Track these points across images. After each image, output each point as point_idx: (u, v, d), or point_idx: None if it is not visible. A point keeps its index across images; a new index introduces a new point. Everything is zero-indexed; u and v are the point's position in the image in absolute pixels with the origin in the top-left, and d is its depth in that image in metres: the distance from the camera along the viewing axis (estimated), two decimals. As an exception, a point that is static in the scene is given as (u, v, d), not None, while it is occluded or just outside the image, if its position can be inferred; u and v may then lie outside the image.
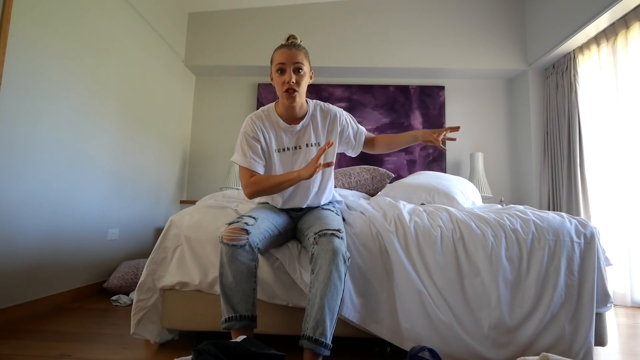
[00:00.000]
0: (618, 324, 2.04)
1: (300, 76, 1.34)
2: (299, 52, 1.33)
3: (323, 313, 1.10)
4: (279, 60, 1.33)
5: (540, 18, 3.29)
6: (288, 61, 1.32)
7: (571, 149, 2.97)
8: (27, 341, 1.49)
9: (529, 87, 3.45)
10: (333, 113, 1.49)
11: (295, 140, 1.43)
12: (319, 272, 1.14)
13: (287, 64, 1.32)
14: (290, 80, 1.31)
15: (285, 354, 1.10)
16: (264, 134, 1.41)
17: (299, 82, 1.33)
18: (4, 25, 1.71)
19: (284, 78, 1.32)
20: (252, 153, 1.38)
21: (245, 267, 1.19)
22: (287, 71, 1.32)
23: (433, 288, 1.36)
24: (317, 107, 1.48)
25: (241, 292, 1.19)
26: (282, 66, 1.32)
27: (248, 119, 1.42)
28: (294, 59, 1.32)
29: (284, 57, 1.32)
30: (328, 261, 1.13)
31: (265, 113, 1.44)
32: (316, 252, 1.17)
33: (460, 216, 1.50)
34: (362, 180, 2.48)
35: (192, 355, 1.05)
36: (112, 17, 2.52)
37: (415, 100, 3.66)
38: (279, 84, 1.34)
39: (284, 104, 1.37)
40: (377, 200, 1.75)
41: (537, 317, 1.35)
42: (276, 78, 1.36)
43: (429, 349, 1.19)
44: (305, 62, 1.35)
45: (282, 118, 1.42)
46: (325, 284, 1.12)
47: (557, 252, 1.41)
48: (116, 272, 2.40)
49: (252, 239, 1.19)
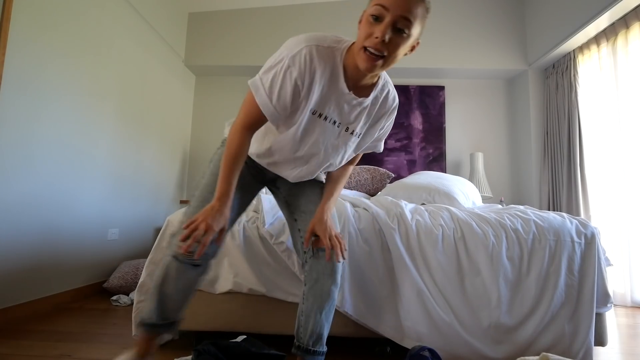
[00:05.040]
0: (618, 324, 2.04)
1: (402, 38, 0.88)
2: (419, 3, 0.86)
3: (322, 327, 1.08)
4: (381, 1, 0.86)
5: (540, 18, 3.29)
6: (395, 7, 0.85)
7: (571, 149, 2.97)
8: (27, 341, 1.49)
9: (529, 87, 3.45)
10: (392, 106, 1.12)
11: (346, 115, 1.05)
12: (318, 289, 1.08)
13: (390, 10, 0.85)
14: (383, 37, 0.86)
15: (285, 354, 1.10)
16: (313, 82, 0.97)
17: (395, 46, 0.88)
18: (4, 25, 1.71)
19: (375, 29, 0.87)
20: (281, 102, 0.98)
21: (193, 282, 1.08)
22: (385, 21, 0.86)
23: (434, 286, 1.36)
24: (387, 84, 1.09)
25: (180, 301, 1.09)
26: (381, 10, 0.86)
27: (305, 50, 0.94)
28: (405, 8, 0.85)
29: (392, 2, 0.85)
30: (330, 281, 1.08)
31: (331, 55, 0.97)
32: (314, 266, 1.10)
33: (461, 215, 1.50)
34: (362, 180, 2.48)
35: (192, 355, 1.05)
36: (112, 17, 2.52)
37: (415, 100, 3.66)
38: (364, 34, 0.89)
39: (357, 63, 0.93)
40: (379, 199, 1.75)
41: (537, 316, 1.35)
42: (365, 24, 0.89)
43: (429, 349, 1.19)
44: (418, 24, 0.89)
45: (346, 76, 1.00)
46: (326, 301, 1.08)
47: (557, 252, 1.41)
48: (116, 272, 2.40)
49: (210, 258, 1.08)
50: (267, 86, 0.97)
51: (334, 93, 1.01)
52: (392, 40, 0.88)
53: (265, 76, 0.98)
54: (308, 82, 0.96)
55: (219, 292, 1.40)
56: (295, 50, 0.94)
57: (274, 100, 0.97)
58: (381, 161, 3.60)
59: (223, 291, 1.40)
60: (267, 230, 1.39)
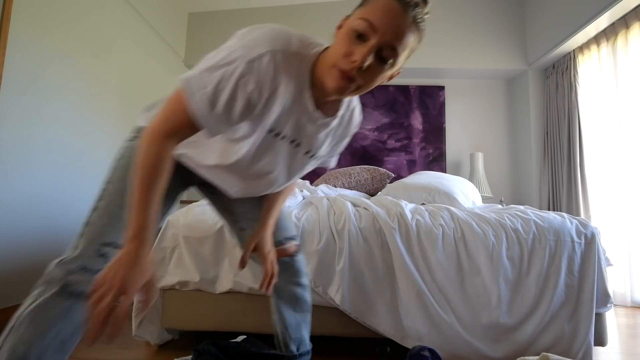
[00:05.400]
0: (618, 324, 2.04)
1: (382, 69, 0.72)
2: (412, 29, 0.70)
3: (306, 331, 1.09)
4: (371, 16, 0.69)
5: (540, 18, 3.29)
6: (385, 30, 0.68)
7: (571, 149, 2.97)
8: (27, 341, 1.49)
9: (529, 87, 3.45)
10: (358, 122, 0.97)
11: (308, 137, 0.86)
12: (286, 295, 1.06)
13: (379, 32, 0.68)
14: (363, 63, 0.69)
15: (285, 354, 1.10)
16: (273, 98, 0.75)
17: (373, 76, 0.72)
18: (4, 25, 1.71)
19: (356, 50, 0.69)
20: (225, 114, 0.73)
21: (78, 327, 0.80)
22: (369, 44, 0.69)
23: (434, 286, 1.36)
24: (354, 99, 0.92)
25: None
26: (367, 29, 0.69)
27: (268, 58, 0.71)
28: (396, 35, 0.69)
29: (384, 20, 0.68)
30: (296, 285, 1.07)
31: (297, 64, 0.75)
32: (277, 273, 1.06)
33: (461, 215, 1.50)
34: (362, 180, 2.48)
35: (192, 355, 1.05)
36: (112, 17, 2.52)
37: (415, 100, 3.66)
38: (342, 50, 0.70)
39: (326, 82, 0.73)
40: (379, 198, 1.75)
41: (537, 316, 1.35)
42: (345, 37, 0.71)
43: (429, 349, 1.19)
44: (405, 55, 0.74)
45: (313, 91, 0.80)
46: (297, 305, 1.08)
47: (557, 252, 1.41)
48: (116, 272, 2.40)
49: None
50: (210, 91, 0.70)
51: (297, 110, 0.80)
52: (372, 68, 0.70)
53: (208, 76, 0.70)
54: (267, 97, 0.74)
55: (219, 292, 1.40)
56: (254, 54, 0.69)
57: (217, 111, 0.71)
58: (381, 161, 3.60)
59: (223, 291, 1.40)
60: None
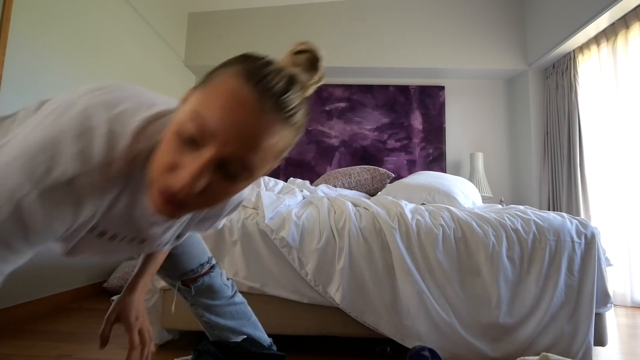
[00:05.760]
0: (618, 324, 2.04)
1: (230, 184, 0.50)
2: (277, 127, 0.48)
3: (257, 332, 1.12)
4: (208, 112, 0.46)
5: (540, 18, 3.29)
6: (226, 137, 0.45)
7: (571, 149, 2.97)
8: (27, 341, 1.49)
9: (529, 87, 3.45)
10: (236, 203, 0.78)
11: (149, 233, 0.67)
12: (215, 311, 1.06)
13: (219, 139, 0.45)
14: (192, 186, 0.46)
15: (285, 354, 1.10)
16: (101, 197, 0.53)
17: (217, 194, 0.51)
18: (4, 25, 1.71)
19: (185, 160, 0.47)
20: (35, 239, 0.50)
21: None
22: (204, 157, 0.46)
23: (434, 286, 1.36)
24: None
25: None
26: (200, 133, 0.46)
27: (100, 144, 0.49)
28: (247, 141, 0.46)
29: (226, 120, 0.45)
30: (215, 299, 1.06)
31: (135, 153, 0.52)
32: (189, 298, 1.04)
33: (461, 215, 1.50)
34: (362, 180, 2.48)
35: (192, 355, 1.05)
36: (112, 17, 2.52)
37: (415, 100, 3.66)
38: (165, 160, 0.48)
39: (149, 201, 0.50)
40: (379, 198, 1.75)
41: (537, 316, 1.35)
42: (171, 138, 0.48)
43: (429, 349, 1.19)
44: (268, 160, 0.51)
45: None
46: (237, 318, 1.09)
47: (557, 252, 1.41)
48: (116, 272, 2.40)
49: None
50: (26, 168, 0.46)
51: (132, 212, 0.60)
52: (213, 186, 0.47)
53: (27, 150, 0.47)
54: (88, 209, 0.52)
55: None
56: (84, 142, 0.48)
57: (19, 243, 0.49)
58: (381, 161, 3.60)
59: (223, 291, 1.40)
60: (267, 225, 1.39)
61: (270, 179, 2.12)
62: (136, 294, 0.90)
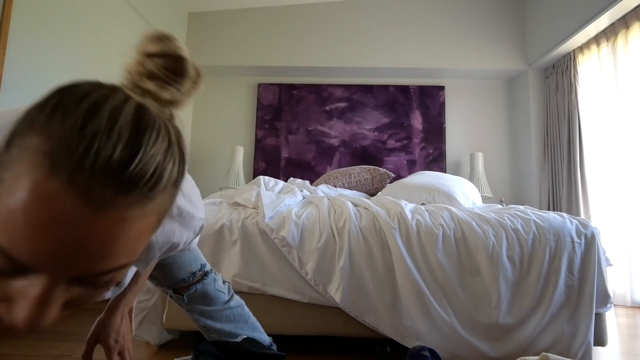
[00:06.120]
0: (618, 324, 2.04)
1: (91, 291, 0.34)
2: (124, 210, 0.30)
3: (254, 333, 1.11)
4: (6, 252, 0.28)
5: (540, 18, 3.29)
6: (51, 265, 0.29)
7: (571, 149, 2.97)
8: (27, 341, 1.49)
9: (529, 87, 3.45)
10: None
11: None
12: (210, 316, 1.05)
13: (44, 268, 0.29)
14: (41, 317, 0.30)
15: (285, 354, 1.10)
16: None
17: (81, 302, 0.35)
18: (4, 25, 1.71)
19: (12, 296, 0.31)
20: None
21: None
22: (37, 289, 0.30)
23: (434, 286, 1.36)
24: None
25: None
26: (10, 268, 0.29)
27: None
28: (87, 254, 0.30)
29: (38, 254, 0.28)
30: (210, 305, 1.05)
31: None
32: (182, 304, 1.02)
33: (461, 215, 1.50)
34: (362, 180, 2.48)
35: (192, 355, 1.05)
36: (112, 17, 2.52)
37: (415, 100, 3.66)
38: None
39: None
40: (379, 198, 1.75)
41: (537, 316, 1.35)
42: None
43: (429, 349, 1.19)
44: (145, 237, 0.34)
45: None
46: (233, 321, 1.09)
47: (557, 252, 1.41)
48: (116, 272, 2.40)
49: None
50: None
51: None
52: (74, 299, 0.34)
53: None
54: None
55: (219, 292, 1.41)
56: None
57: None
58: (381, 161, 3.60)
59: (223, 291, 1.40)
60: (267, 224, 1.39)
61: (270, 179, 2.12)
62: (117, 315, 0.87)
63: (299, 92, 3.69)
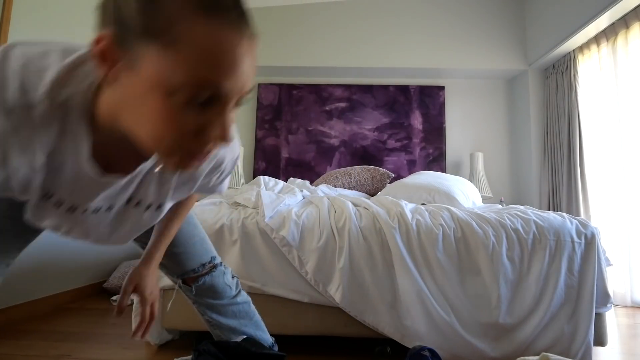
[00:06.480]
0: (618, 324, 2.04)
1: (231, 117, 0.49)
2: (254, 48, 0.51)
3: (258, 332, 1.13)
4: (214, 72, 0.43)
5: (540, 18, 3.29)
6: (241, 82, 0.47)
7: (571, 149, 2.97)
8: (27, 341, 1.49)
9: (529, 87, 3.45)
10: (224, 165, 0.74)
11: (114, 196, 0.62)
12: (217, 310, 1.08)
13: (236, 89, 0.46)
14: (226, 133, 0.48)
15: (285, 354, 1.10)
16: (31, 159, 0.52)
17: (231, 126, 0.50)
18: (4, 26, 1.71)
19: (207, 121, 0.46)
20: None
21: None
22: (228, 109, 0.47)
23: (434, 286, 1.36)
24: None
25: None
26: (218, 89, 0.44)
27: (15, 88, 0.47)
28: (250, 73, 0.49)
29: (236, 69, 0.45)
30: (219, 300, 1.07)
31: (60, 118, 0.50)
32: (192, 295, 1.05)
33: (461, 215, 1.50)
34: (362, 180, 2.48)
35: (192, 355, 1.05)
36: (112, 17, 2.52)
37: (415, 100, 3.66)
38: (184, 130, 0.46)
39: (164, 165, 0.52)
40: (379, 198, 1.75)
41: (537, 316, 1.35)
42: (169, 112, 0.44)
43: (429, 349, 1.19)
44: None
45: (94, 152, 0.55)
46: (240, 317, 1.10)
47: (557, 252, 1.41)
48: (116, 272, 2.40)
49: None
50: None
51: (80, 172, 0.55)
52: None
53: None
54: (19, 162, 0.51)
55: (219, 292, 1.41)
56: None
57: None
58: (381, 161, 3.60)
59: (223, 291, 1.40)
60: (267, 224, 1.39)
61: (270, 179, 2.12)
62: (152, 265, 0.89)
63: (299, 92, 3.69)
